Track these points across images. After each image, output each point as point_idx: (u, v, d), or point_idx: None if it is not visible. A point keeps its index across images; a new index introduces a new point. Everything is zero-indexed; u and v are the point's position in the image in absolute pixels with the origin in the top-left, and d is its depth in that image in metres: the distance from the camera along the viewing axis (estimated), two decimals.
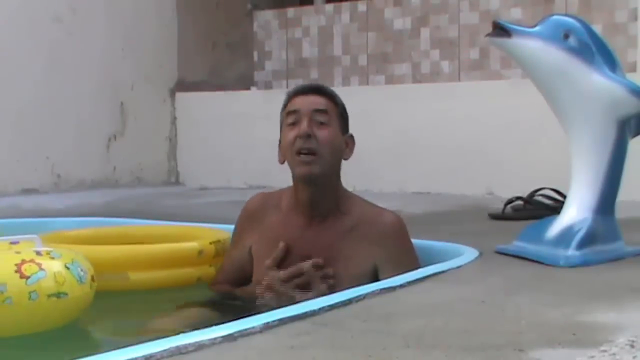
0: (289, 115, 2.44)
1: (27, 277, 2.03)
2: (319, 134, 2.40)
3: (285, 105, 2.49)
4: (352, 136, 2.52)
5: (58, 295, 2.06)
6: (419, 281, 2.16)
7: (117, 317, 2.51)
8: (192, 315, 2.42)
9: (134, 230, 3.19)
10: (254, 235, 2.55)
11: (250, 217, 2.59)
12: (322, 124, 2.41)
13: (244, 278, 2.58)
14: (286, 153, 2.44)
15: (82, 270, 2.14)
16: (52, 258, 2.11)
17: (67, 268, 2.11)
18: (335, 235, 2.44)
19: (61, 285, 2.07)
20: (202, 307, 2.50)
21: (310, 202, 2.45)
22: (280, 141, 2.49)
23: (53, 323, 2.12)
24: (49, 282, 2.05)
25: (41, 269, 2.06)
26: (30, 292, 2.03)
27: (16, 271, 2.03)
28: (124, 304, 2.57)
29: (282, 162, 2.48)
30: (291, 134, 2.41)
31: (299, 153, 2.39)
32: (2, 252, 2.13)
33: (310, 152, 2.39)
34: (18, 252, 2.12)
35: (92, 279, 2.18)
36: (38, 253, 2.12)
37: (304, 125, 2.39)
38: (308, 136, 2.38)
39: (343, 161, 2.49)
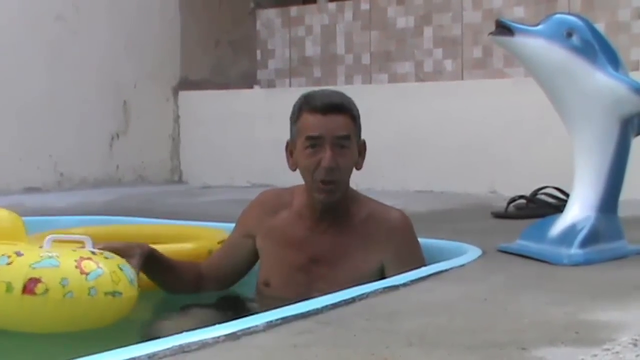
0: (308, 139, 2.34)
1: (87, 274, 2.05)
2: (341, 162, 2.34)
3: (297, 116, 2.38)
4: (364, 143, 2.46)
5: (114, 294, 2.09)
6: (421, 280, 2.16)
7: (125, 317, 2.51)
8: (197, 315, 2.42)
9: (138, 230, 3.19)
10: (260, 228, 2.54)
11: (261, 208, 2.57)
12: (343, 147, 2.35)
13: (238, 265, 2.58)
14: (303, 173, 2.40)
15: (131, 272, 2.17)
16: (107, 258, 2.14)
17: (121, 269, 2.13)
18: (342, 235, 2.44)
19: (117, 284, 2.09)
20: (207, 307, 2.50)
21: (322, 212, 2.45)
22: (288, 146, 2.44)
23: (107, 321, 2.14)
24: (107, 280, 2.08)
25: (99, 267, 2.08)
26: (90, 288, 2.05)
27: (76, 267, 2.05)
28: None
29: (294, 170, 2.44)
30: (312, 160, 2.34)
31: (320, 181, 2.35)
32: (59, 248, 2.15)
33: (333, 182, 2.35)
34: (74, 250, 2.14)
35: (137, 282, 2.21)
36: (93, 252, 2.14)
37: (327, 157, 2.31)
38: (332, 169, 2.33)
39: None
